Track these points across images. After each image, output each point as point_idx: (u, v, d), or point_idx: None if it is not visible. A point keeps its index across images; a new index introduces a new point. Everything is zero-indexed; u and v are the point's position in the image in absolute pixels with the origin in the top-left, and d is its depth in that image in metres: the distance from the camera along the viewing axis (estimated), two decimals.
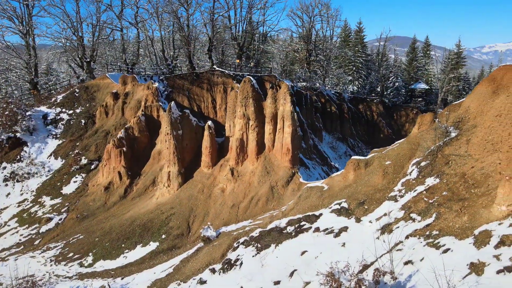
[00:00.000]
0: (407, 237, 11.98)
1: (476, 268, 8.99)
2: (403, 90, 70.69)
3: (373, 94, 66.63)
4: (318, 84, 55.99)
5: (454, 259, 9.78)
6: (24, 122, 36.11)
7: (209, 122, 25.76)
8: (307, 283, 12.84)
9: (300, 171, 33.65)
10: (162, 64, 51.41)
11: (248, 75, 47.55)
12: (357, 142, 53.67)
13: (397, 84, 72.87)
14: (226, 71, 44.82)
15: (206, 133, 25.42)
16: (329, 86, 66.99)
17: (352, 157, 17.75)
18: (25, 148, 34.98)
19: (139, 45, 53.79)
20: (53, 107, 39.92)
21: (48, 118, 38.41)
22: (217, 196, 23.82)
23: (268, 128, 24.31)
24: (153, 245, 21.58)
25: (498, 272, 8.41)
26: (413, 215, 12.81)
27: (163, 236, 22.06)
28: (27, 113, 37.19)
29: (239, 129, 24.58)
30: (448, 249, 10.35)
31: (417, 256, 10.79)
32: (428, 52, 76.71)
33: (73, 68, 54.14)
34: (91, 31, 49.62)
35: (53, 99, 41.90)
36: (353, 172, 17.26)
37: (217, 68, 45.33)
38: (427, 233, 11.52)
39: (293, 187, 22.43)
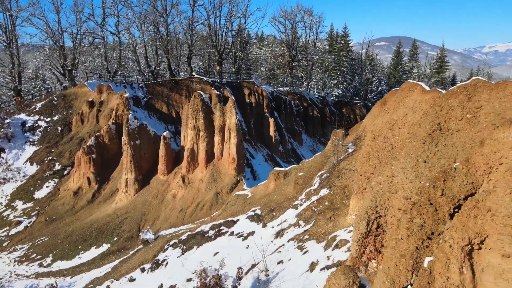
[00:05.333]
0: (288, 241, 14.03)
1: (312, 266, 11.02)
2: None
3: (357, 98, 68.28)
4: (300, 89, 57.80)
5: (307, 259, 11.79)
6: (2, 130, 38.15)
7: (165, 133, 27.80)
8: None
9: None
10: (146, 70, 53.44)
11: (226, 81, 49.90)
12: None
13: (380, 87, 74.86)
14: (205, 78, 46.88)
15: (161, 142, 27.47)
16: (314, 90, 68.72)
17: (274, 169, 19.79)
18: (2, 155, 37.02)
19: (121, 53, 55.84)
20: (32, 114, 41.98)
21: (26, 125, 40.46)
22: (169, 202, 25.90)
23: (217, 138, 26.35)
24: (105, 247, 23.64)
25: (321, 270, 10.44)
26: (301, 222, 14.84)
27: (115, 239, 24.13)
28: (6, 121, 39.24)
29: (190, 139, 26.64)
30: (307, 251, 12.37)
31: (287, 257, 12.82)
32: (415, 56, 78.42)
33: (56, 75, 56.27)
34: (73, 40, 51.79)
35: (32, 106, 43.98)
36: (273, 182, 19.31)
37: (195, 75, 47.45)
38: (301, 237, 13.56)
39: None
